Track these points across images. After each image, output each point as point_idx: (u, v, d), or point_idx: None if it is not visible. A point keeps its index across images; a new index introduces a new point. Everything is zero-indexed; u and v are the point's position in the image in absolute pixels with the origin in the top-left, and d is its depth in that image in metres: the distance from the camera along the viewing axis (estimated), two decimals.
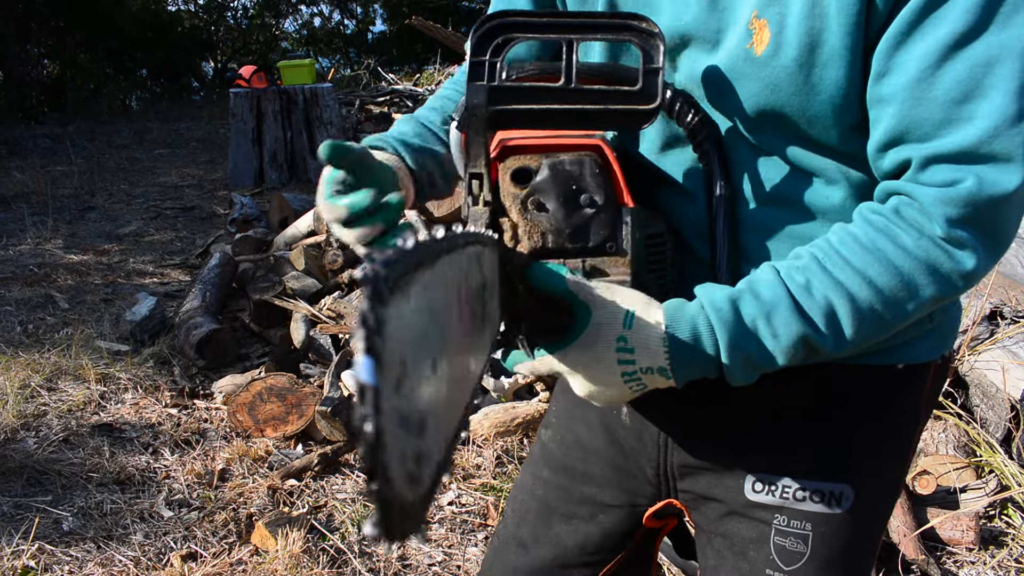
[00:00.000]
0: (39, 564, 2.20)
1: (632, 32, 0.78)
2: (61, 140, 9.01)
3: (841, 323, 0.75)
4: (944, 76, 0.70)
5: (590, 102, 0.79)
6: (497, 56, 0.78)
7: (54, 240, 5.40)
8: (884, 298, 0.74)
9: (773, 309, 0.75)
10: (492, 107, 0.77)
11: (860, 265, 0.74)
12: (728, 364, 0.76)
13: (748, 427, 0.93)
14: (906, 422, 0.95)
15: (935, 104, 0.71)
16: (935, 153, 0.72)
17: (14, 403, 3.01)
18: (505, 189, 0.80)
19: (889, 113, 0.73)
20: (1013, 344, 2.75)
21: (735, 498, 0.95)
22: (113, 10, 12.24)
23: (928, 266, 0.73)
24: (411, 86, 9.60)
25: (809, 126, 0.79)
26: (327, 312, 3.46)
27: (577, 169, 0.79)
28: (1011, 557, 2.23)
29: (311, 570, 2.18)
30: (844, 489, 0.91)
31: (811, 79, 0.76)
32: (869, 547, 0.98)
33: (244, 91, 6.79)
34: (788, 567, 0.93)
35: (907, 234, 0.73)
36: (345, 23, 16.80)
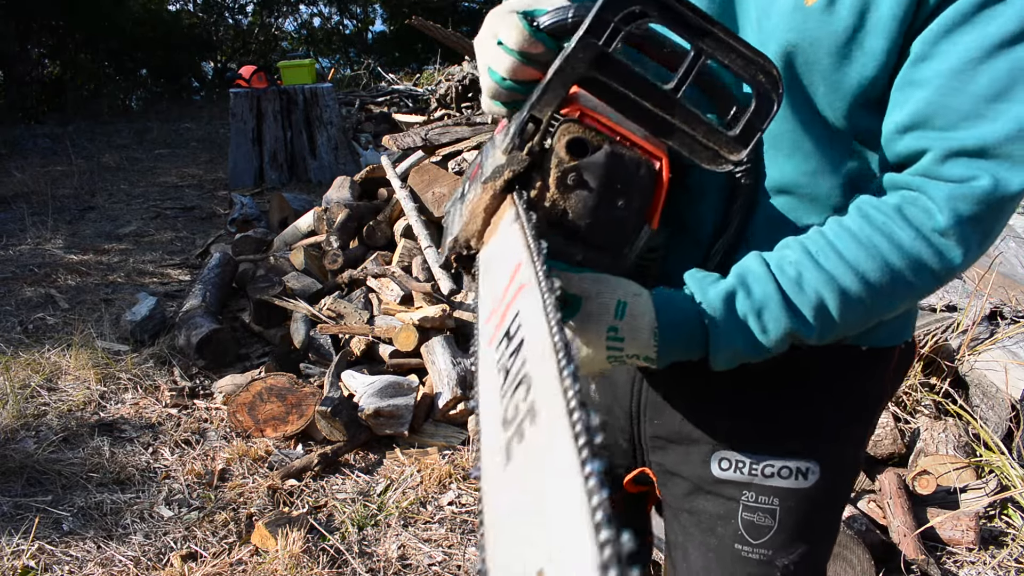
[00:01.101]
0: (39, 564, 2.20)
1: (761, 75, 0.74)
2: (61, 140, 9.01)
3: (830, 315, 0.77)
4: (984, 72, 0.71)
5: (683, 121, 0.75)
6: (625, 24, 0.72)
7: (54, 240, 5.40)
8: (873, 292, 0.76)
9: (764, 306, 0.77)
10: (591, 72, 0.73)
11: (853, 260, 0.76)
12: (715, 356, 0.79)
13: (715, 405, 0.95)
14: (869, 402, 0.98)
15: (968, 96, 0.72)
16: (957, 147, 0.72)
17: (14, 403, 3.01)
18: (557, 150, 0.76)
19: (919, 97, 0.74)
20: (1013, 344, 2.75)
21: (702, 475, 0.97)
22: (113, 10, 12.25)
23: (918, 263, 0.75)
24: (411, 86, 9.61)
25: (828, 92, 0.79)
26: (327, 312, 3.46)
27: (633, 169, 0.76)
28: (1011, 557, 2.23)
29: (311, 570, 2.18)
30: (811, 465, 0.93)
31: (852, 43, 0.75)
32: (833, 521, 1.02)
33: (244, 91, 6.79)
34: (756, 540, 0.96)
35: (904, 233, 0.75)
36: (345, 23, 16.80)
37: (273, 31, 16.05)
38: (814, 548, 0.98)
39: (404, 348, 3.15)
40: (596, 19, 0.72)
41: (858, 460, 1.01)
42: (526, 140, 0.76)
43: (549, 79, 0.74)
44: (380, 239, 4.05)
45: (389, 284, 3.52)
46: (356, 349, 3.27)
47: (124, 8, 12.70)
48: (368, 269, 3.74)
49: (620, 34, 0.72)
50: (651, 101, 0.74)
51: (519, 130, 0.76)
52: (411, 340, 3.13)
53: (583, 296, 0.77)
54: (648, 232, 0.79)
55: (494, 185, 0.75)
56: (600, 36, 0.72)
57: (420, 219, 3.74)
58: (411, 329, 3.14)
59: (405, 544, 2.35)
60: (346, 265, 3.86)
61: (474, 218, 0.77)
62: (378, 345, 3.28)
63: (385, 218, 4.08)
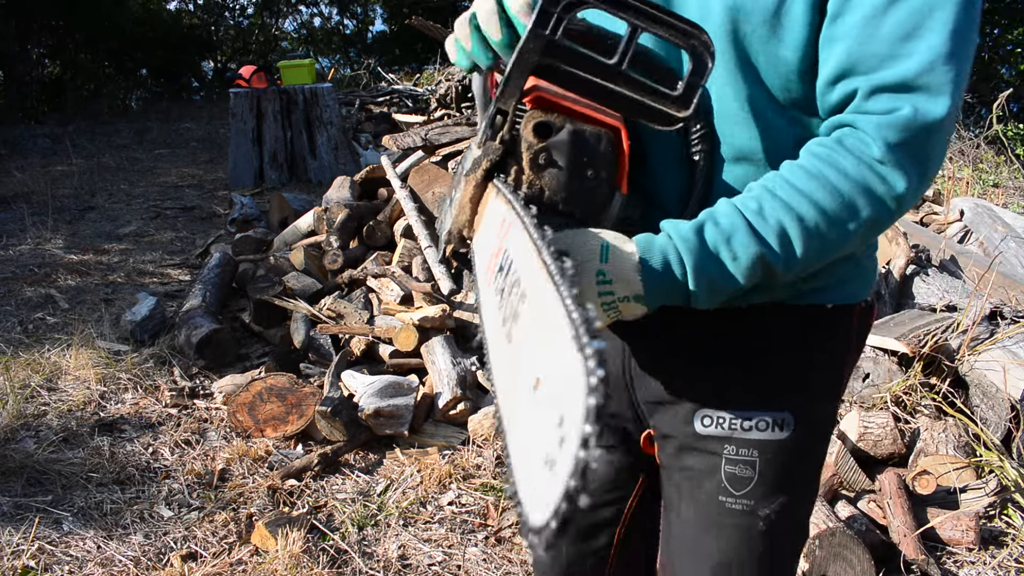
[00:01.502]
0: (39, 564, 2.20)
1: (691, 40, 0.82)
2: (61, 140, 9.01)
3: (792, 242, 0.84)
4: (890, 17, 0.81)
5: (630, 89, 0.83)
6: (568, 12, 0.80)
7: (54, 240, 5.40)
8: (828, 218, 0.83)
9: (732, 233, 0.84)
10: (544, 59, 0.81)
11: (806, 189, 0.83)
12: (695, 288, 0.85)
13: (695, 366, 1.02)
14: (837, 356, 1.05)
15: (882, 41, 0.81)
16: (879, 83, 0.82)
17: (14, 403, 3.01)
18: (525, 136, 0.84)
19: (840, 49, 0.83)
20: (1013, 344, 2.75)
21: (687, 433, 1.03)
22: (113, 10, 12.25)
23: (865, 188, 0.83)
24: (411, 86, 9.61)
25: (768, 62, 0.88)
26: (327, 312, 3.46)
27: (595, 142, 0.84)
28: (1011, 557, 2.23)
29: (311, 570, 2.18)
30: (786, 416, 1.00)
31: (780, 12, 0.85)
32: (811, 475, 1.07)
33: (244, 91, 6.79)
34: (738, 492, 1.02)
35: (847, 159, 0.83)
36: (345, 23, 16.80)
37: (273, 31, 16.05)
38: (794, 501, 1.04)
39: (404, 348, 3.15)
40: (540, 12, 0.80)
41: (830, 416, 1.07)
42: (497, 131, 0.84)
43: (508, 73, 0.82)
44: (380, 239, 4.05)
45: (389, 284, 3.52)
46: (356, 349, 3.27)
47: (124, 8, 12.70)
48: (368, 269, 3.74)
49: (564, 22, 0.80)
50: (601, 77, 0.83)
51: (489, 123, 0.85)
52: (411, 340, 3.13)
53: (569, 250, 0.83)
54: (620, 198, 0.87)
55: (475, 176, 0.84)
56: (546, 27, 0.80)
57: (420, 219, 3.74)
58: (411, 329, 3.14)
59: (405, 544, 2.35)
60: (346, 265, 3.86)
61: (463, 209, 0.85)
62: (378, 345, 3.28)
63: (385, 218, 4.08)
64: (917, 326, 2.82)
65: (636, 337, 1.04)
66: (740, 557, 1.03)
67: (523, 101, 0.85)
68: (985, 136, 7.25)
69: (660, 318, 0.90)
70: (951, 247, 3.99)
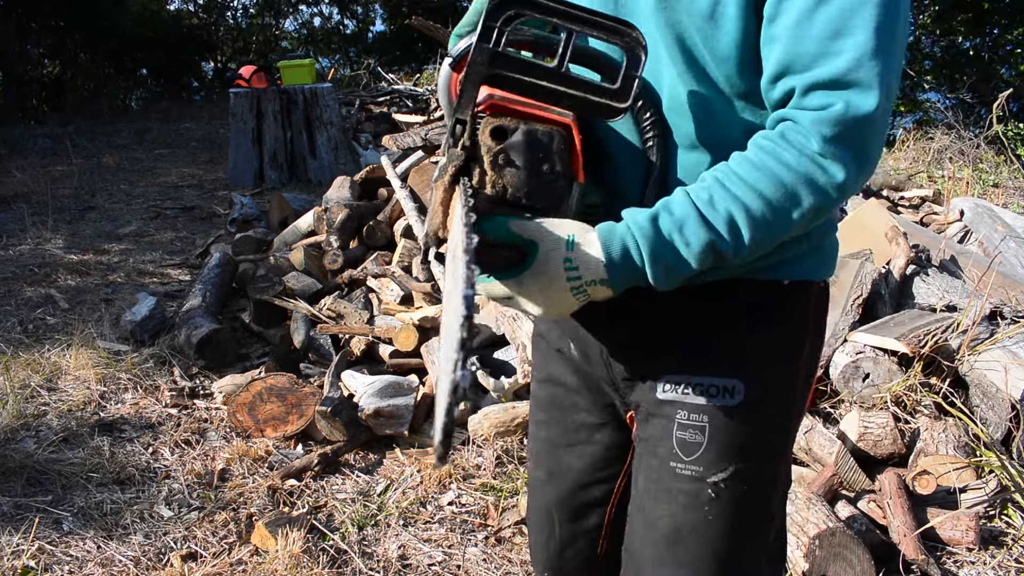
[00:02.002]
0: (39, 564, 2.20)
1: (623, 37, 0.90)
2: (61, 140, 9.00)
3: (740, 230, 0.89)
4: (819, 17, 0.86)
5: (573, 87, 0.91)
6: (507, 25, 0.88)
7: (54, 240, 5.40)
8: (773, 208, 0.89)
9: (684, 222, 0.89)
10: (491, 69, 0.89)
11: (752, 180, 0.89)
12: (652, 272, 0.90)
13: (660, 337, 1.07)
14: (793, 332, 1.08)
15: (812, 40, 0.86)
16: (812, 81, 0.87)
17: (14, 403, 3.01)
18: (483, 140, 0.91)
19: (776, 50, 0.89)
20: (1013, 344, 2.75)
21: (650, 399, 1.08)
22: (113, 10, 12.24)
23: (807, 179, 0.88)
24: (411, 86, 9.61)
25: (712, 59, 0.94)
26: (327, 312, 3.46)
27: (548, 139, 0.91)
28: (1011, 557, 2.23)
29: (311, 570, 2.18)
30: (736, 384, 1.04)
31: (715, 15, 0.91)
32: (768, 450, 1.09)
33: (244, 91, 6.79)
34: (688, 457, 1.05)
35: (789, 153, 0.88)
36: (345, 23, 16.80)
37: (273, 31, 16.05)
38: (747, 471, 1.05)
39: (404, 348, 3.15)
40: (483, 28, 0.88)
41: (788, 390, 1.09)
42: (458, 139, 0.92)
43: (462, 86, 0.90)
44: (380, 239, 4.05)
45: (389, 284, 3.52)
46: (356, 349, 3.27)
47: (124, 8, 12.69)
48: (368, 269, 3.74)
49: (505, 34, 0.88)
50: (546, 80, 0.90)
51: (450, 133, 0.94)
52: (411, 340, 3.13)
53: (538, 240, 0.90)
54: (579, 187, 0.94)
55: (443, 181, 0.91)
56: (489, 40, 0.88)
57: (420, 219, 3.74)
58: (411, 329, 3.14)
59: (405, 544, 2.35)
60: (346, 265, 3.86)
61: (435, 213, 0.92)
62: (378, 345, 3.29)
63: (385, 218, 4.08)
64: (917, 326, 2.82)
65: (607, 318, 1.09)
66: (690, 524, 1.05)
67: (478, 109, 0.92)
68: (985, 136, 7.25)
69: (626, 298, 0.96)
70: (951, 247, 3.99)
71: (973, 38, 10.44)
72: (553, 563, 1.30)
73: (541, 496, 1.30)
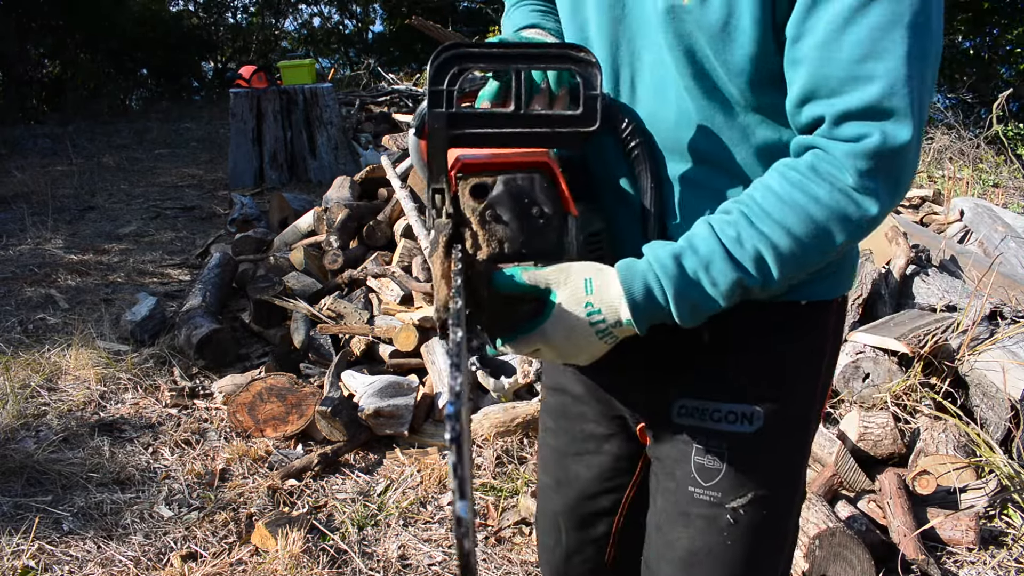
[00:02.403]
0: (39, 564, 2.20)
1: (571, 62, 0.89)
2: (61, 140, 9.00)
3: (769, 267, 0.86)
4: (848, 39, 0.80)
5: (538, 125, 0.90)
6: (454, 84, 0.87)
7: (54, 240, 5.40)
8: (802, 244, 0.85)
9: (711, 261, 0.86)
10: (452, 131, 0.88)
11: (780, 217, 0.85)
12: (677, 311, 0.87)
13: (674, 359, 1.04)
14: (812, 353, 1.05)
15: (841, 64, 0.81)
16: (844, 109, 0.82)
17: (14, 403, 3.01)
18: (465, 203, 0.89)
19: (801, 73, 0.84)
20: (1013, 344, 2.75)
21: (665, 423, 1.06)
22: (113, 10, 12.23)
23: (839, 214, 0.84)
24: (411, 86, 9.60)
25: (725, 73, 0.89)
26: (327, 312, 3.46)
27: (528, 184, 0.89)
28: (1011, 557, 2.23)
29: (311, 570, 2.18)
30: (755, 410, 1.01)
31: (728, 27, 0.86)
32: (787, 471, 1.07)
33: (244, 91, 6.79)
34: (706, 483, 1.03)
35: (820, 187, 0.84)
36: (345, 23, 16.80)
37: (273, 31, 16.05)
38: (767, 496, 1.04)
39: (404, 348, 3.15)
40: (431, 95, 0.87)
41: (806, 413, 1.07)
42: (440, 208, 0.91)
43: (428, 156, 0.89)
44: (380, 239, 4.05)
45: (389, 284, 3.52)
46: (356, 349, 3.27)
47: (124, 8, 12.69)
48: (368, 269, 3.74)
49: (455, 94, 0.87)
50: (508, 125, 0.90)
51: (431, 203, 0.92)
52: (411, 340, 3.13)
53: (553, 286, 0.88)
54: (574, 221, 0.93)
55: (438, 255, 0.89)
56: (441, 103, 0.87)
57: (420, 219, 3.74)
58: (411, 329, 3.14)
59: (405, 544, 2.35)
60: (346, 265, 3.86)
61: (439, 287, 0.89)
62: (378, 345, 3.28)
63: (385, 218, 4.08)
64: (917, 326, 2.82)
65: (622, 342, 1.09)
66: (708, 547, 1.04)
67: (453, 172, 0.91)
68: (985, 136, 7.24)
69: None
70: (951, 247, 3.99)
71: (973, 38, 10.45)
72: (560, 568, 1.29)
73: (549, 503, 1.29)
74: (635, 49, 0.96)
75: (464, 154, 0.91)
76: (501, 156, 0.92)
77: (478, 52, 0.88)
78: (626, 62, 0.98)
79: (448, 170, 0.90)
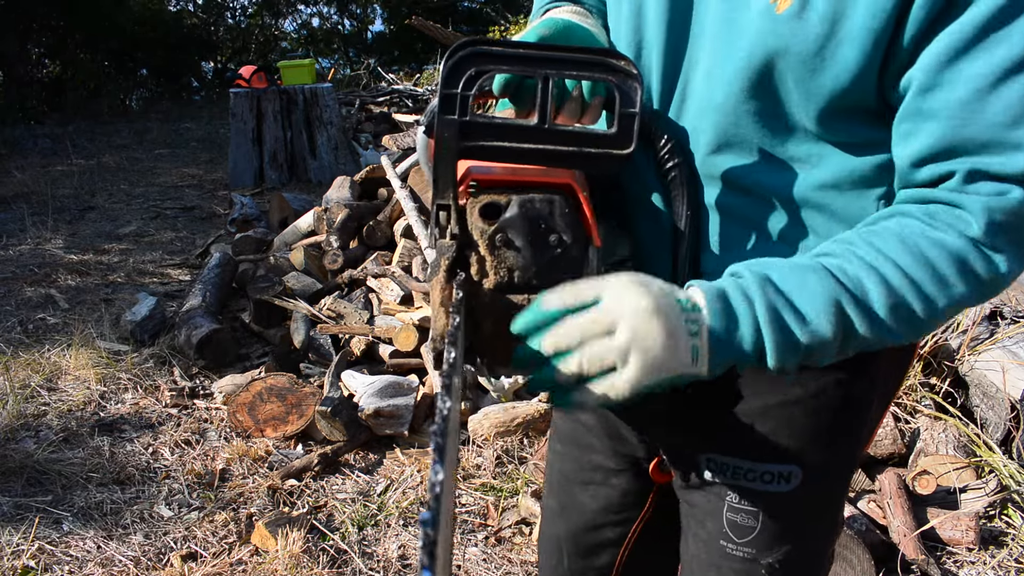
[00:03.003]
0: (39, 564, 2.20)
1: (609, 71, 0.77)
2: (61, 140, 9.01)
3: (881, 321, 0.73)
4: (997, 99, 0.70)
5: (563, 143, 0.78)
6: (470, 88, 0.76)
7: (54, 240, 5.40)
8: (923, 297, 0.73)
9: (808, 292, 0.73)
10: (463, 143, 0.77)
11: (902, 263, 0.73)
12: (774, 355, 0.72)
13: (703, 411, 0.96)
14: (855, 407, 0.95)
15: (985, 125, 0.71)
16: (983, 170, 0.72)
17: (14, 403, 3.01)
18: (473, 223, 0.78)
19: (932, 129, 0.73)
20: (1013, 344, 2.75)
21: (693, 473, 1.00)
22: (113, 10, 12.24)
23: (963, 264, 0.72)
24: (411, 86, 9.61)
25: (801, 98, 0.78)
26: (327, 312, 3.46)
27: (547, 208, 0.78)
28: (1011, 557, 2.23)
29: (311, 570, 2.18)
30: (792, 469, 0.93)
31: (824, 52, 0.74)
32: (823, 521, 1.01)
33: (244, 91, 6.79)
34: (739, 540, 0.98)
35: (944, 233, 0.73)
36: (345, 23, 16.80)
37: (273, 31, 16.05)
38: (801, 547, 0.99)
39: (404, 348, 3.15)
40: (443, 98, 0.75)
41: (848, 465, 1.00)
42: (444, 228, 0.79)
43: (434, 167, 0.78)
44: (380, 239, 4.05)
45: (389, 284, 3.52)
46: (356, 349, 3.27)
47: (124, 8, 12.69)
48: (368, 269, 3.74)
49: (469, 99, 0.75)
50: (528, 140, 0.77)
51: (434, 222, 0.80)
52: (411, 340, 3.13)
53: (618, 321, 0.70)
54: (596, 251, 0.80)
55: (438, 279, 0.77)
56: (454, 110, 0.75)
57: (420, 219, 3.74)
58: (411, 329, 3.14)
59: (405, 544, 2.35)
60: (346, 265, 3.86)
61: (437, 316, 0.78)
62: (378, 345, 3.28)
63: (385, 218, 4.08)
64: None
65: None
66: None
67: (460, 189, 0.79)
68: None
69: None
70: None
71: None
72: None
73: (552, 526, 1.24)
74: (694, 53, 0.85)
75: (476, 167, 0.81)
76: (518, 173, 0.81)
77: (500, 52, 0.76)
78: (682, 67, 0.86)
79: (456, 185, 0.78)
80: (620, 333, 0.67)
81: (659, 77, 0.87)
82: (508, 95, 0.83)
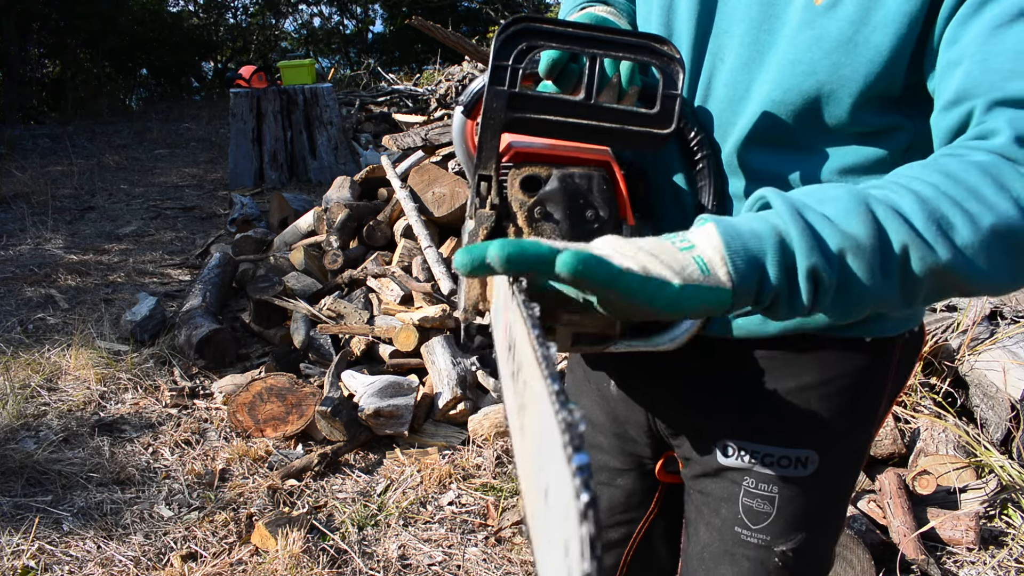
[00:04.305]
0: (39, 564, 2.20)
1: (654, 55, 0.80)
2: (61, 140, 9.01)
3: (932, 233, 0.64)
4: (1010, 34, 0.72)
5: (607, 120, 0.80)
6: (520, 62, 0.78)
7: (54, 240, 5.40)
8: (966, 213, 0.64)
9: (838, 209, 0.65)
10: (511, 114, 0.79)
11: (921, 176, 0.67)
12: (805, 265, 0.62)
13: (720, 395, 0.97)
14: (872, 392, 0.96)
15: (1002, 57, 0.71)
16: (1002, 97, 0.70)
17: (14, 403, 3.01)
18: (513, 195, 0.81)
19: (957, 73, 0.74)
20: (1013, 344, 2.75)
21: (708, 461, 1.00)
22: (113, 10, 12.25)
23: (995, 177, 0.66)
24: (411, 86, 9.60)
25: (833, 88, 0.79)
26: (327, 312, 3.46)
27: (586, 183, 0.81)
28: (1011, 557, 2.23)
29: (311, 570, 2.18)
30: (809, 454, 0.95)
31: (856, 38, 0.77)
32: (835, 511, 1.02)
33: (244, 91, 6.79)
34: (755, 526, 0.98)
35: (972, 153, 0.68)
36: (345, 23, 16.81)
37: (273, 31, 16.05)
38: (814, 536, 1.00)
39: (404, 348, 3.15)
40: (493, 69, 0.78)
41: (861, 451, 1.02)
42: (484, 197, 0.81)
43: (480, 137, 0.80)
44: (380, 239, 4.05)
45: (389, 284, 3.52)
46: (356, 349, 3.27)
47: (124, 8, 12.70)
48: (368, 269, 3.74)
49: (520, 72, 0.78)
50: (574, 116, 0.80)
51: (475, 192, 0.82)
52: (411, 340, 3.13)
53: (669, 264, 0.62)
54: (628, 230, 0.83)
55: None
56: (504, 82, 0.78)
57: (420, 219, 3.74)
58: (411, 329, 3.14)
59: (405, 544, 2.35)
60: (346, 265, 3.86)
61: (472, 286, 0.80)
62: (378, 345, 3.28)
63: (385, 218, 4.08)
64: None
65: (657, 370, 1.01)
66: None
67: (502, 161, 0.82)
68: None
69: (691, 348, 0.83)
70: None
71: None
72: None
73: None
74: (721, 45, 0.86)
75: (518, 141, 0.84)
76: (559, 149, 0.84)
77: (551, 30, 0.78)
78: (708, 59, 0.88)
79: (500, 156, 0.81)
80: None
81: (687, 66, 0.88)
82: (552, 78, 0.84)
